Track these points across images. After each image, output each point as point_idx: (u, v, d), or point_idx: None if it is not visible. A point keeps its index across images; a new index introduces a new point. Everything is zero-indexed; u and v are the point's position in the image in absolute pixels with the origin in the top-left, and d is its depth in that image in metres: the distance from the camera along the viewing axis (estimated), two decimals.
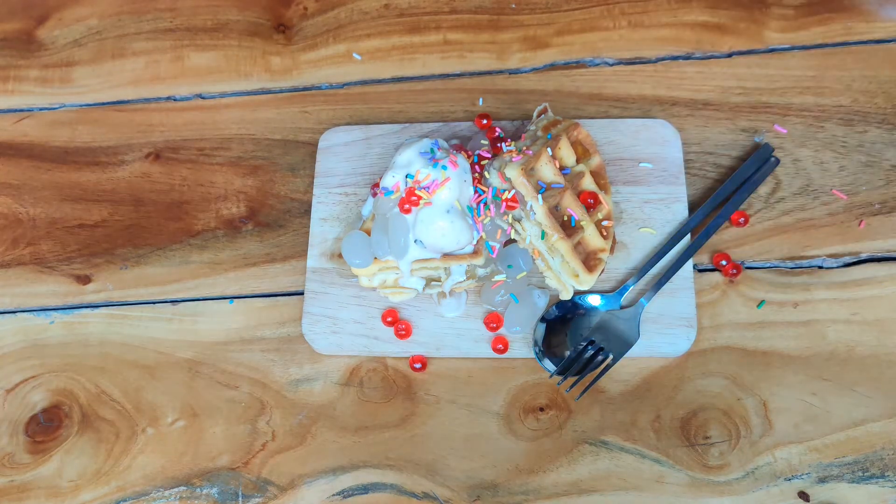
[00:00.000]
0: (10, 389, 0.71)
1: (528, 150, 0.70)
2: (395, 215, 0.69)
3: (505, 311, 0.71)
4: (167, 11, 0.86)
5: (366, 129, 0.79)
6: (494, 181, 0.70)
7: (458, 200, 0.69)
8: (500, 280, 0.71)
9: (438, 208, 0.68)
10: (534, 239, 0.69)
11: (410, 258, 0.69)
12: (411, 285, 0.71)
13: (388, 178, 0.69)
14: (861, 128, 0.74)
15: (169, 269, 0.74)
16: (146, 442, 0.68)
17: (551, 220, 0.68)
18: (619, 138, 0.77)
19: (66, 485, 0.68)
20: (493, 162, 0.70)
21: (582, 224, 0.69)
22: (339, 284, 0.74)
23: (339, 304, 0.73)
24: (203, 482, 0.67)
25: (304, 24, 0.84)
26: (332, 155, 0.78)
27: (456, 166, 0.69)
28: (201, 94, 0.82)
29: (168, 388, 0.70)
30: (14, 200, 0.79)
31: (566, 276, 0.70)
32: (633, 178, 0.75)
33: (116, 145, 0.80)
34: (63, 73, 0.84)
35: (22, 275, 0.75)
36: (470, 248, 0.70)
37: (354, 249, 0.69)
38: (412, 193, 0.68)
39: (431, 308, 0.72)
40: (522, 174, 0.67)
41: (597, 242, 0.70)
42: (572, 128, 0.72)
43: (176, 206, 0.77)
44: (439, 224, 0.67)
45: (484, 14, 0.83)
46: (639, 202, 0.74)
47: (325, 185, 0.77)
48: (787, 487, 0.63)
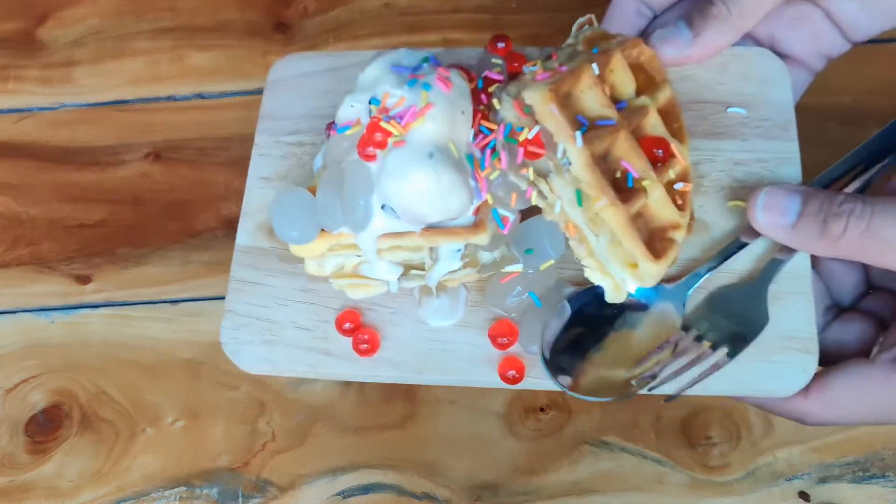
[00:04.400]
0: (9, 389, 0.71)
1: (562, 67, 0.49)
2: (353, 163, 0.48)
3: (521, 320, 0.51)
4: (167, 11, 0.86)
5: (334, 57, 0.61)
6: (508, 114, 0.48)
7: (452, 140, 0.48)
8: (513, 272, 0.51)
9: (415, 151, 0.47)
10: (567, 206, 0.48)
11: (375, 232, 0.49)
12: (379, 275, 0.51)
13: (345, 107, 0.50)
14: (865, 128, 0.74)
15: (169, 269, 0.74)
16: (146, 442, 0.68)
17: (596, 173, 0.46)
18: (697, 72, 0.57)
19: (66, 485, 0.68)
20: (508, 86, 0.49)
21: (644, 184, 0.48)
22: (278, 272, 0.55)
23: (277, 301, 0.54)
24: (203, 482, 0.67)
25: (304, 24, 0.84)
26: (286, 90, 0.60)
27: (447, 86, 0.48)
28: (201, 93, 0.82)
29: (168, 389, 0.70)
30: (14, 200, 0.79)
31: (617, 266, 0.49)
32: (719, 129, 0.55)
33: (116, 145, 0.80)
34: (63, 72, 0.84)
35: (22, 275, 0.75)
36: (468, 218, 0.50)
37: (288, 215, 0.49)
38: (376, 127, 0.47)
39: (411, 310, 0.53)
40: (552, 97, 0.46)
41: (667, 214, 0.49)
42: (631, 43, 0.52)
43: (176, 206, 0.77)
44: (416, 176, 0.46)
45: (484, 14, 0.83)
46: (726, 163, 0.54)
47: (271, 130, 0.58)
48: (787, 488, 0.63)
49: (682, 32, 0.55)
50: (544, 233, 0.50)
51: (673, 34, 0.55)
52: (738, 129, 0.55)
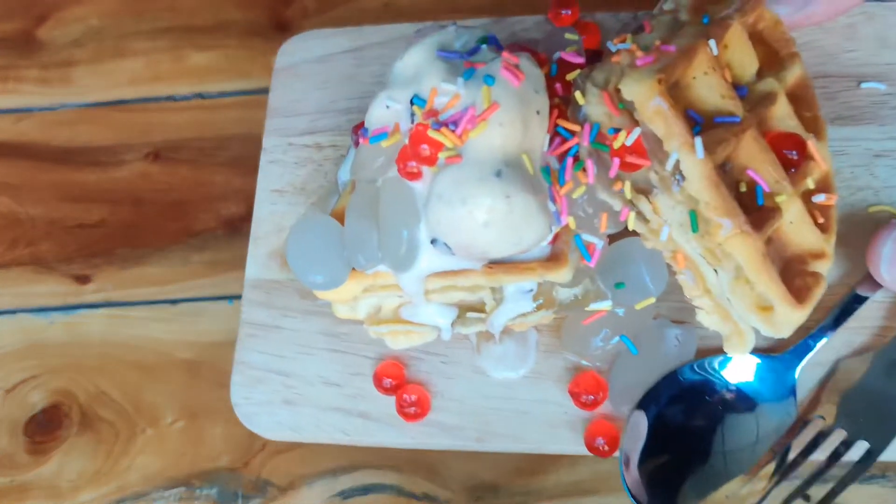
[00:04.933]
0: (9, 390, 0.71)
1: (667, 46, 0.36)
2: (391, 183, 0.37)
3: (611, 370, 0.41)
4: (167, 11, 0.86)
5: (355, 34, 0.50)
6: (595, 111, 0.37)
7: (525, 151, 0.36)
8: (599, 310, 0.40)
9: (477, 168, 0.35)
10: (677, 232, 0.37)
11: (422, 271, 0.38)
12: (427, 320, 0.41)
13: (378, 108, 0.38)
14: None
15: (168, 268, 0.74)
16: (146, 442, 0.68)
17: (720, 191, 0.35)
18: (818, 38, 0.45)
19: (66, 485, 0.68)
20: (594, 73, 0.38)
21: (778, 201, 0.37)
22: (298, 312, 0.45)
23: (299, 349, 0.45)
24: (203, 483, 0.67)
25: (304, 23, 0.84)
26: (297, 79, 0.50)
27: (517, 78, 0.36)
28: (201, 93, 0.82)
29: (168, 389, 0.70)
30: (13, 200, 0.79)
31: (743, 309, 0.38)
32: (850, 112, 0.44)
33: (116, 145, 0.80)
34: (63, 72, 0.84)
35: (21, 275, 0.75)
36: (544, 248, 0.39)
37: (309, 252, 0.39)
38: (422, 137, 0.35)
39: (467, 357, 0.43)
40: (662, 90, 0.34)
41: (807, 238, 0.38)
42: (750, 6, 0.39)
43: (176, 206, 0.77)
44: (479, 203, 0.35)
45: (485, 13, 0.83)
46: (863, 156, 0.43)
47: (282, 130, 0.49)
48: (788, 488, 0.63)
49: None
50: (641, 261, 0.39)
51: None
52: (875, 109, 0.44)
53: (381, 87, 0.40)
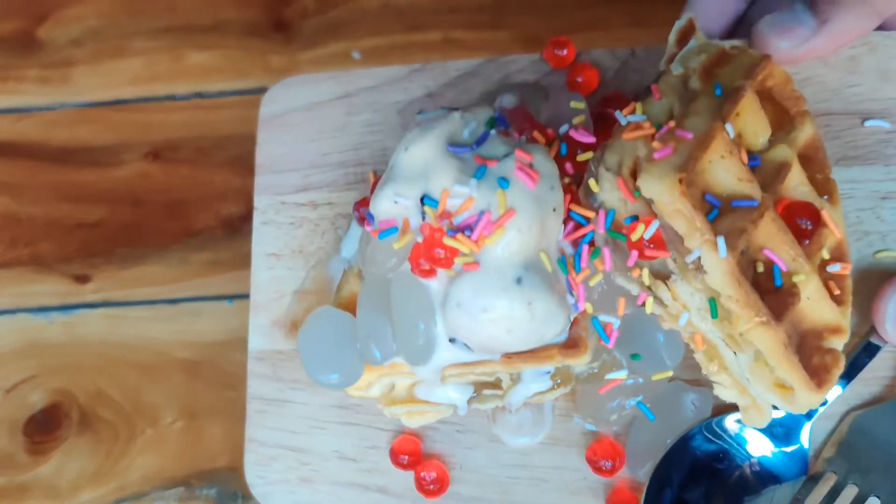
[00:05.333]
0: (8, 390, 0.71)
1: (683, 130, 0.36)
2: (404, 278, 0.37)
3: (628, 435, 0.40)
4: (166, 11, 0.86)
5: (344, 79, 0.48)
6: (610, 197, 0.36)
7: (544, 250, 0.36)
8: (615, 378, 0.40)
9: (497, 276, 0.35)
10: (696, 317, 0.37)
11: (439, 364, 0.38)
12: (443, 399, 0.41)
13: (384, 201, 0.36)
14: None
15: (168, 268, 0.74)
16: (145, 442, 0.68)
17: (744, 287, 0.35)
18: (818, 72, 0.43)
19: (65, 485, 0.68)
20: (606, 154, 0.37)
21: (795, 280, 0.36)
22: (307, 384, 0.44)
23: (311, 423, 0.43)
24: (202, 483, 0.67)
25: (303, 23, 0.84)
26: (286, 129, 0.48)
27: (532, 178, 0.35)
28: (200, 93, 0.82)
29: (167, 389, 0.70)
30: (13, 200, 0.79)
31: (762, 388, 0.37)
32: (854, 152, 0.42)
33: (115, 145, 0.80)
34: (62, 72, 0.84)
35: (20, 275, 0.75)
36: (561, 335, 0.38)
37: (323, 349, 0.38)
38: (436, 243, 0.35)
39: (483, 426, 0.42)
40: (683, 191, 0.34)
41: (824, 313, 0.37)
42: (761, 68, 0.38)
43: (175, 206, 0.77)
44: (500, 310, 0.35)
45: (484, 14, 0.83)
46: (869, 198, 0.41)
47: (274, 188, 0.47)
48: None
49: (802, 18, 0.41)
50: (658, 334, 0.39)
51: (789, 21, 0.41)
52: (880, 149, 0.41)
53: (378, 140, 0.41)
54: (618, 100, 0.43)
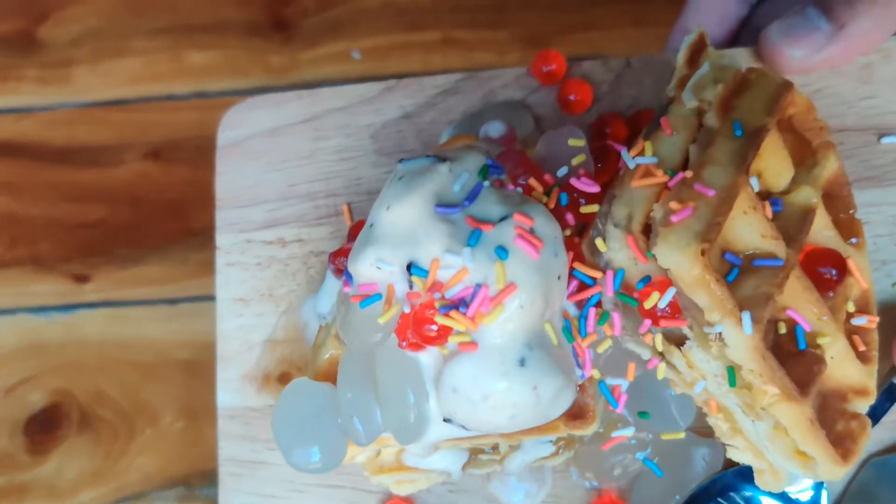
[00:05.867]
0: (8, 390, 0.71)
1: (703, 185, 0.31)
2: (391, 353, 0.33)
3: (634, 491, 0.37)
4: (166, 10, 0.86)
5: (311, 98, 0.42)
6: (619, 256, 0.33)
7: (549, 320, 0.32)
8: (619, 437, 0.37)
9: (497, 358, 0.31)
10: (713, 385, 0.33)
11: (432, 440, 0.34)
12: (435, 466, 0.37)
13: (364, 265, 0.32)
14: None
15: (167, 268, 0.74)
16: (145, 442, 0.68)
17: (769, 363, 0.31)
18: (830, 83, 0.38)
19: (65, 485, 0.67)
20: (613, 207, 0.33)
21: (821, 342, 0.33)
22: None
23: (291, 486, 0.39)
24: (202, 482, 0.67)
25: (303, 23, 0.84)
26: (249, 157, 0.43)
27: (535, 247, 0.31)
28: (200, 92, 0.82)
29: (166, 389, 0.70)
30: (13, 200, 0.79)
31: (780, 456, 0.34)
32: (871, 173, 0.37)
33: (115, 145, 0.80)
34: (62, 72, 0.84)
35: (20, 274, 0.75)
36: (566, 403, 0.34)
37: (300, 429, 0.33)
38: (426, 320, 0.31)
39: (478, 486, 0.38)
40: (706, 263, 0.30)
41: (848, 374, 0.34)
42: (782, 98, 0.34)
43: (175, 206, 0.77)
44: (502, 395, 0.31)
45: (483, 13, 0.83)
46: (888, 224, 0.37)
47: (238, 225, 0.42)
48: None
49: (817, 23, 0.37)
50: (667, 391, 0.35)
51: (802, 26, 0.37)
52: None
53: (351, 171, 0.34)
54: (616, 123, 0.39)
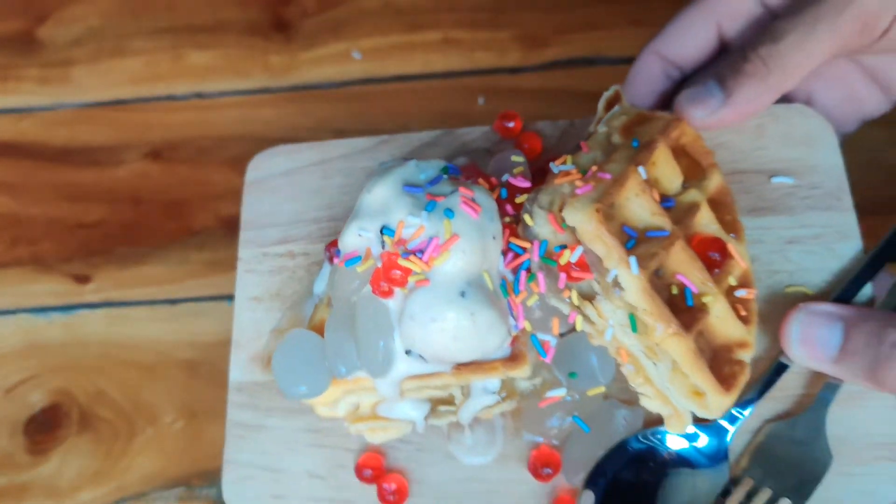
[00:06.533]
0: (9, 389, 0.71)
1: (603, 172, 0.43)
2: (366, 300, 0.43)
3: (564, 446, 0.45)
4: (166, 10, 0.86)
5: (320, 148, 0.54)
6: (543, 230, 0.43)
7: (486, 270, 0.42)
8: (554, 396, 0.45)
9: (444, 290, 0.41)
10: (620, 332, 0.42)
11: (398, 375, 0.44)
12: (402, 415, 0.46)
13: (350, 235, 0.43)
14: None
15: (168, 268, 0.74)
16: (145, 442, 0.68)
17: (655, 301, 0.41)
18: (732, 139, 0.51)
19: (65, 485, 0.67)
20: (539, 195, 0.44)
21: (705, 300, 0.42)
22: (281, 410, 0.48)
23: (284, 446, 0.47)
24: (202, 482, 0.67)
25: (303, 23, 0.84)
26: (268, 192, 0.54)
27: (474, 210, 0.42)
28: (200, 93, 0.82)
29: (167, 389, 0.70)
30: (13, 200, 0.79)
31: (680, 396, 0.43)
32: (764, 204, 0.49)
33: (115, 145, 0.80)
34: (62, 72, 0.84)
35: (21, 274, 0.75)
36: (505, 349, 0.44)
37: (294, 366, 0.43)
38: (392, 264, 0.41)
39: (441, 444, 0.47)
40: (600, 218, 0.41)
41: (732, 330, 0.43)
42: (673, 126, 0.46)
43: (175, 206, 0.77)
44: (447, 320, 0.41)
45: (483, 12, 0.83)
46: (777, 242, 0.48)
47: (256, 241, 0.53)
48: None
49: (713, 92, 0.49)
50: (591, 354, 0.44)
51: (703, 94, 0.49)
52: (785, 201, 0.49)
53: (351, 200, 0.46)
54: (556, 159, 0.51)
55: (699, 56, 0.54)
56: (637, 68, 0.55)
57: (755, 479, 0.44)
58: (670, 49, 0.54)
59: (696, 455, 0.45)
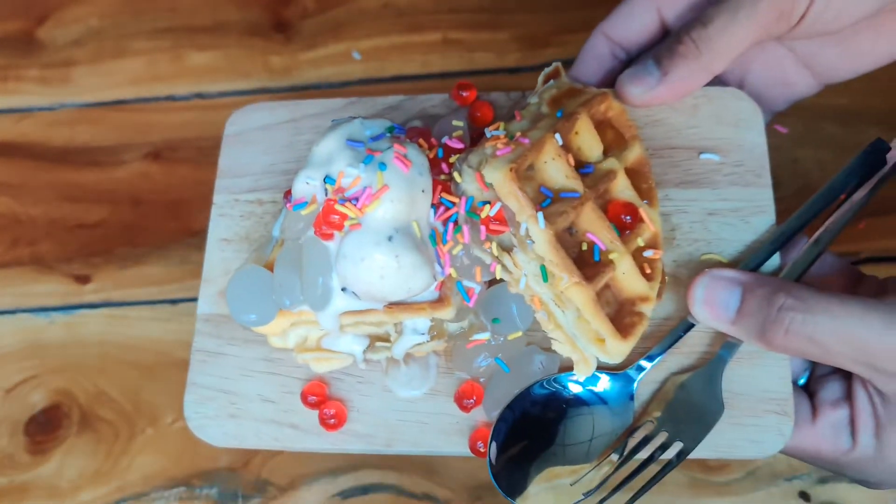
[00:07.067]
0: (9, 389, 0.71)
1: (524, 138, 0.47)
2: (310, 241, 0.48)
3: (487, 384, 0.50)
4: (167, 11, 0.86)
5: (293, 107, 0.59)
6: (470, 187, 0.48)
7: (415, 220, 0.47)
8: (479, 339, 0.50)
9: (373, 234, 0.45)
10: (532, 281, 0.47)
11: (336, 310, 0.48)
12: (343, 348, 0.51)
13: (300, 182, 0.48)
14: (860, 128, 0.74)
15: (168, 268, 0.74)
16: (146, 442, 0.68)
17: (559, 252, 0.45)
18: (668, 116, 0.55)
19: (66, 485, 0.68)
20: (469, 156, 0.48)
21: (611, 257, 0.47)
22: (241, 341, 0.53)
23: (242, 372, 0.52)
24: (203, 482, 0.67)
25: (303, 24, 0.84)
26: (245, 144, 0.58)
27: (405, 165, 0.46)
28: (201, 93, 0.82)
29: (167, 389, 0.70)
30: (13, 200, 0.79)
31: (585, 341, 0.48)
32: (691, 178, 0.54)
33: (116, 145, 0.80)
34: (63, 72, 0.84)
35: (21, 275, 0.75)
36: (433, 293, 0.49)
37: (245, 296, 0.48)
38: (331, 210, 0.46)
39: (379, 378, 0.52)
40: (513, 177, 0.45)
41: (636, 286, 0.48)
42: (597, 100, 0.50)
43: (175, 206, 0.77)
44: (374, 260, 0.45)
45: (483, 13, 0.83)
46: (700, 214, 0.53)
47: (230, 188, 0.57)
48: (787, 488, 0.63)
49: (651, 71, 0.53)
50: (513, 302, 0.49)
51: (641, 73, 0.53)
52: (711, 176, 0.53)
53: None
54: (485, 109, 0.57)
55: (642, 39, 0.58)
56: (586, 48, 0.59)
57: (656, 423, 0.49)
58: (616, 31, 0.58)
59: (596, 399, 0.50)
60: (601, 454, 0.49)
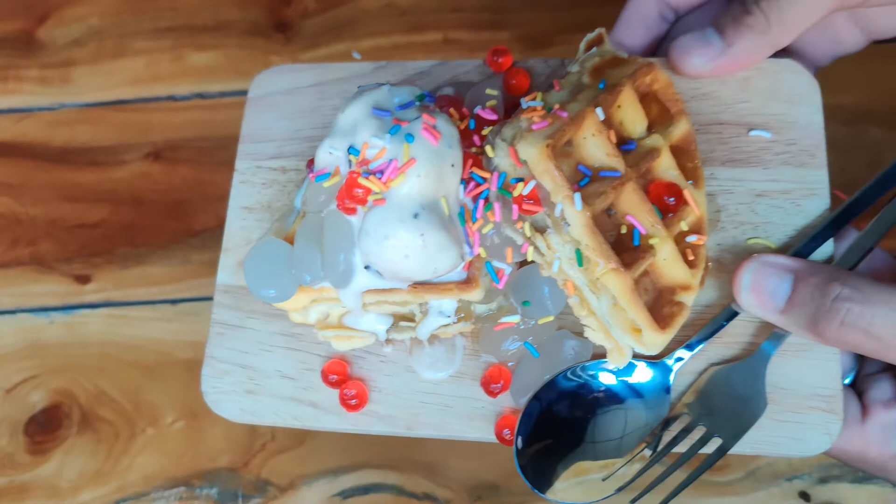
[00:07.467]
0: (9, 389, 0.71)
1: (562, 111, 0.44)
2: (332, 215, 0.45)
3: (515, 369, 0.47)
4: (167, 11, 0.86)
5: (319, 70, 0.56)
6: (503, 163, 0.44)
7: (443, 196, 0.44)
8: (508, 322, 0.47)
9: (398, 210, 0.43)
10: (566, 265, 0.44)
11: (358, 288, 0.46)
12: (366, 327, 0.48)
13: (323, 152, 0.45)
14: (863, 127, 0.74)
15: (169, 268, 0.74)
16: (146, 442, 0.68)
17: (596, 236, 0.42)
18: (717, 89, 0.51)
19: (66, 485, 0.67)
20: (503, 129, 0.44)
21: (652, 242, 0.44)
22: (261, 314, 0.51)
23: (260, 346, 0.50)
24: (203, 483, 0.67)
25: (304, 23, 0.84)
26: (268, 109, 0.55)
27: (435, 137, 0.43)
28: (201, 93, 0.82)
29: (168, 389, 0.70)
30: (14, 200, 0.79)
31: (620, 330, 0.45)
32: (739, 156, 0.49)
33: (116, 145, 0.80)
34: (63, 72, 0.84)
35: (21, 275, 0.75)
36: (460, 273, 0.46)
37: (264, 270, 0.45)
38: (354, 183, 0.43)
39: (402, 358, 0.49)
40: (549, 154, 0.42)
41: (677, 273, 0.45)
42: (643, 72, 0.46)
43: (176, 206, 0.77)
44: (398, 238, 0.42)
45: (485, 13, 0.83)
46: (747, 195, 0.49)
47: (253, 155, 0.54)
48: (788, 488, 0.63)
49: (713, 41, 0.49)
50: (545, 285, 0.46)
51: (700, 42, 0.49)
52: (760, 154, 0.49)
53: None
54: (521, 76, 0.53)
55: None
56: (631, 6, 0.54)
57: (693, 416, 0.46)
58: None
59: (629, 392, 0.47)
60: (633, 449, 0.46)
